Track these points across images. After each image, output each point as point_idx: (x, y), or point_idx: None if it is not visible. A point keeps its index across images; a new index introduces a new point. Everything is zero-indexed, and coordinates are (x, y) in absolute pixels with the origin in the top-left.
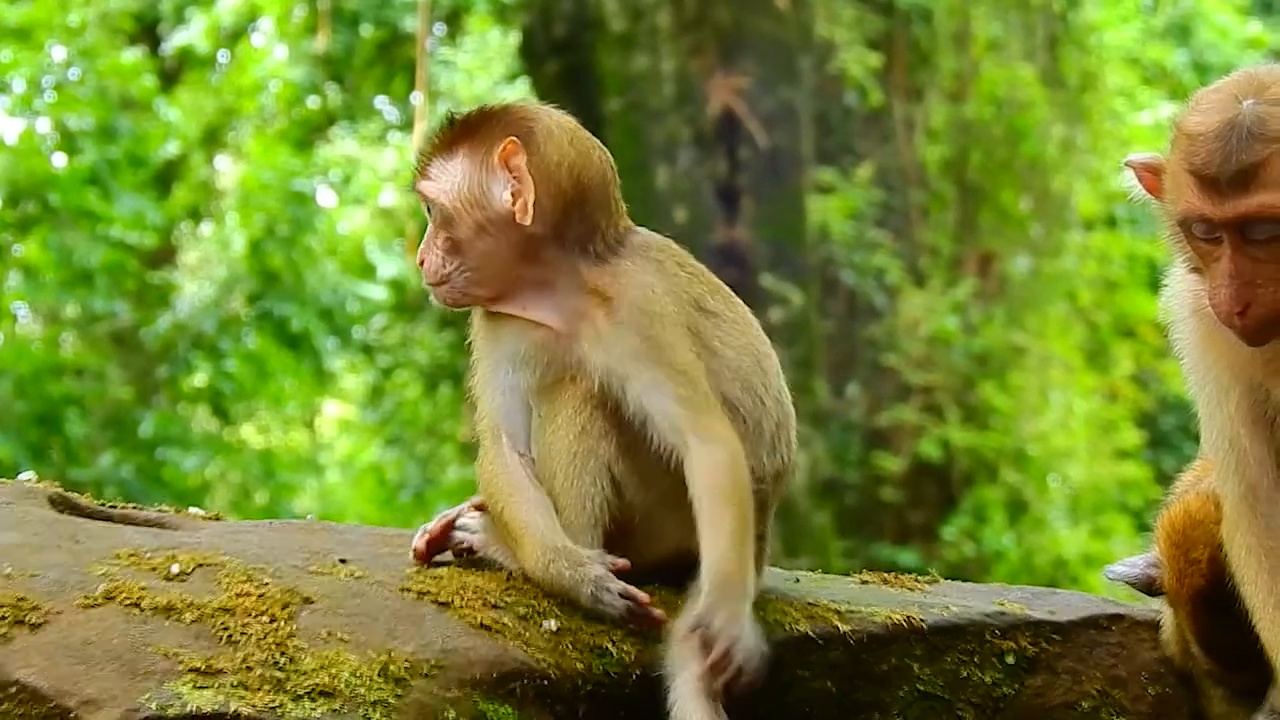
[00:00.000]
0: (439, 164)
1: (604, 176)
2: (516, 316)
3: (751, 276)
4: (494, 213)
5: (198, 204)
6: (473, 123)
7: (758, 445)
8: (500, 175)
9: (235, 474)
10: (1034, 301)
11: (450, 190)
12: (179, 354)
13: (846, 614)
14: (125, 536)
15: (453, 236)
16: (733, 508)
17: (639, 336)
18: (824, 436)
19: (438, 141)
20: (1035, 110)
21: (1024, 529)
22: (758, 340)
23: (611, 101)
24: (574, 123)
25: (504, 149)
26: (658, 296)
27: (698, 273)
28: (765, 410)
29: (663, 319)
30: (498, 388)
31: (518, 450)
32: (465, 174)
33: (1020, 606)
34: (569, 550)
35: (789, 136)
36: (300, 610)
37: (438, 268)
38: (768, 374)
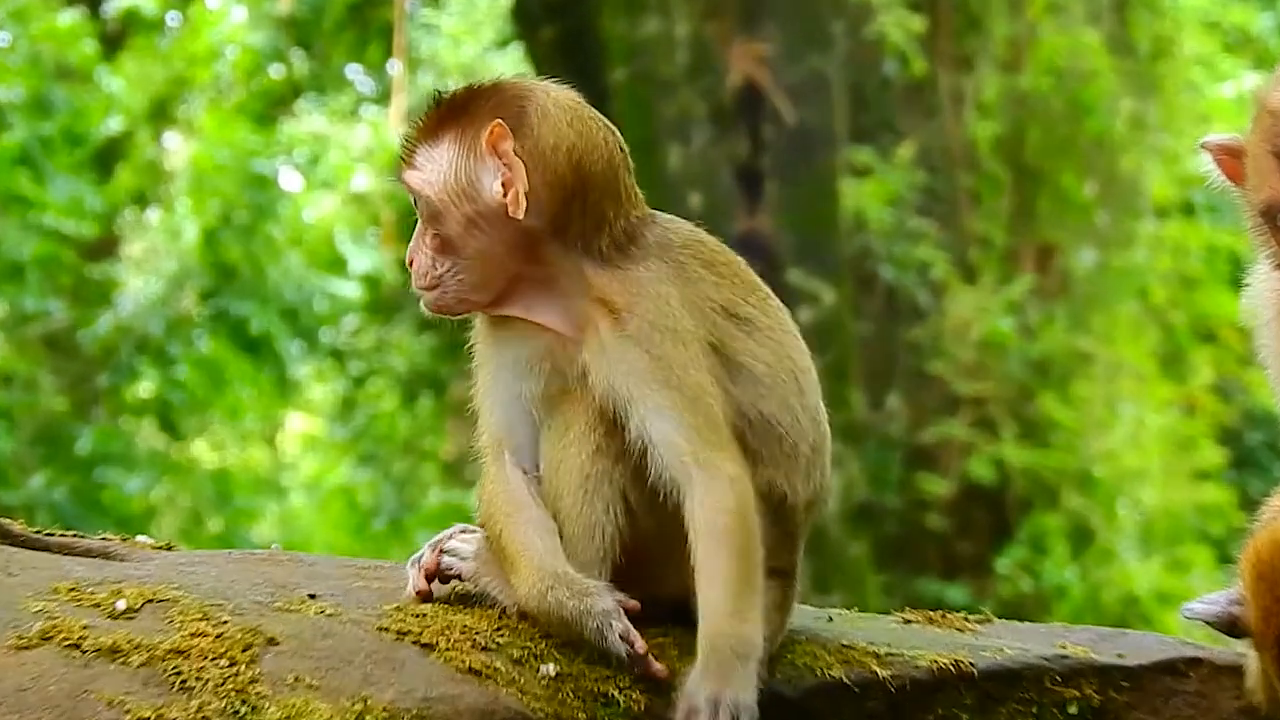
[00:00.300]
0: (425, 151)
1: (611, 161)
2: (520, 319)
3: (776, 272)
4: (484, 205)
5: (144, 188)
6: (459, 102)
7: (792, 470)
8: (490, 163)
9: (185, 497)
10: (1100, 300)
11: (436, 181)
12: (121, 360)
13: (886, 658)
14: (64, 568)
15: (442, 233)
16: (733, 556)
17: (647, 354)
18: (859, 455)
19: (422, 125)
20: (1101, 81)
21: (1089, 561)
22: (796, 351)
23: (616, 71)
24: (576, 99)
25: (491, 132)
26: (673, 309)
27: (730, 271)
28: (802, 431)
29: (676, 335)
30: (500, 398)
31: (521, 467)
32: (452, 162)
33: (1085, 649)
34: (571, 578)
35: (819, 111)
36: (263, 652)
37: (427, 269)
38: (805, 391)
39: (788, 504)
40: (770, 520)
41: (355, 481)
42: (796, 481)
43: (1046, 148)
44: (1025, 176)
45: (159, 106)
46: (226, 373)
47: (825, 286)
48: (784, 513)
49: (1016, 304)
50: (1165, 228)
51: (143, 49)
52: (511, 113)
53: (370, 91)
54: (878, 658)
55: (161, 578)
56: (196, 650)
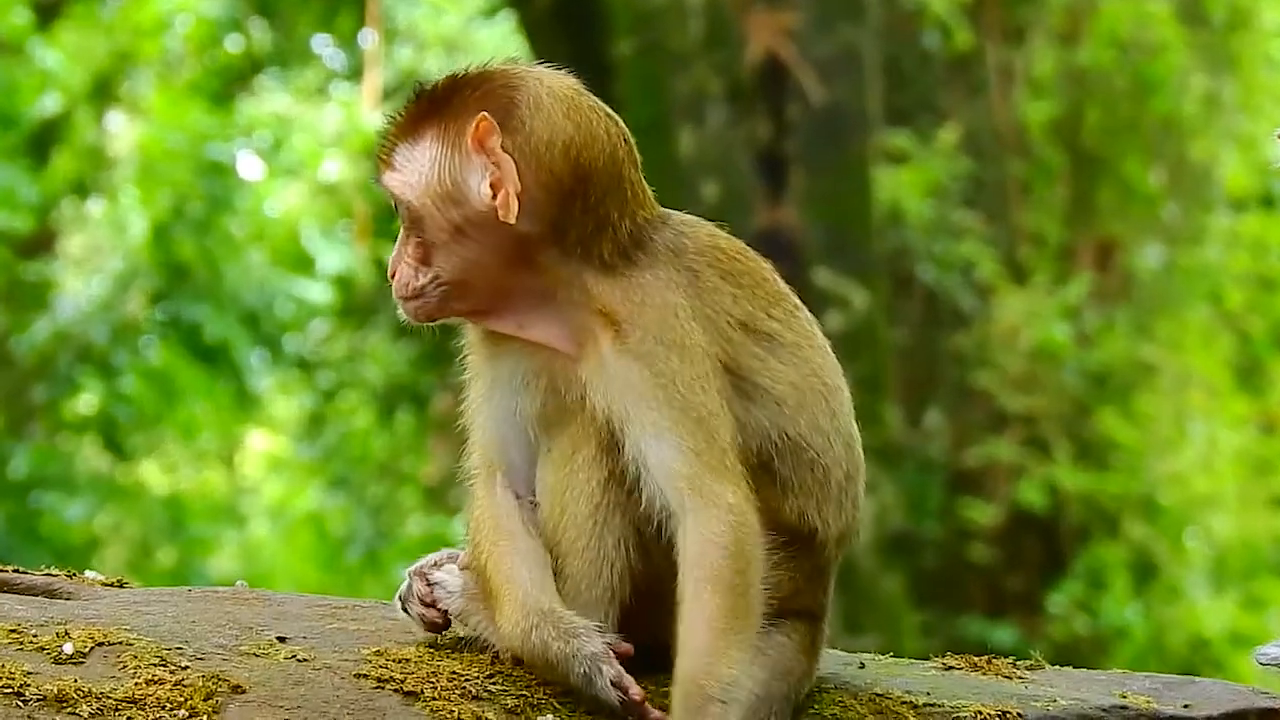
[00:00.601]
0: (404, 150)
1: (614, 156)
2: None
3: (802, 272)
4: (471, 210)
5: (84, 176)
6: (441, 95)
7: (824, 500)
8: (476, 162)
9: (133, 525)
10: (1168, 304)
11: (417, 184)
12: (60, 370)
13: (924, 708)
14: (4, 608)
15: (425, 241)
16: (722, 592)
17: (649, 370)
18: (895, 478)
19: (401, 121)
20: (1169, 55)
21: (1153, 599)
22: (826, 370)
23: (622, 44)
24: (574, 86)
25: (476, 127)
26: (681, 322)
27: (752, 281)
28: (835, 456)
29: (684, 350)
30: (492, 415)
31: (514, 491)
32: (434, 162)
33: (1147, 699)
34: (559, 616)
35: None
36: (228, 702)
37: (409, 280)
38: (836, 413)
39: (819, 538)
40: (801, 556)
41: (325, 508)
42: (829, 513)
43: (1107, 131)
44: (1083, 164)
45: (101, 84)
46: (179, 385)
47: (857, 288)
48: (814, 548)
49: (1073, 308)
50: (1241, 222)
51: (82, 19)
52: (499, 105)
53: (341, 67)
54: (915, 708)
55: (113, 618)
56: (153, 699)
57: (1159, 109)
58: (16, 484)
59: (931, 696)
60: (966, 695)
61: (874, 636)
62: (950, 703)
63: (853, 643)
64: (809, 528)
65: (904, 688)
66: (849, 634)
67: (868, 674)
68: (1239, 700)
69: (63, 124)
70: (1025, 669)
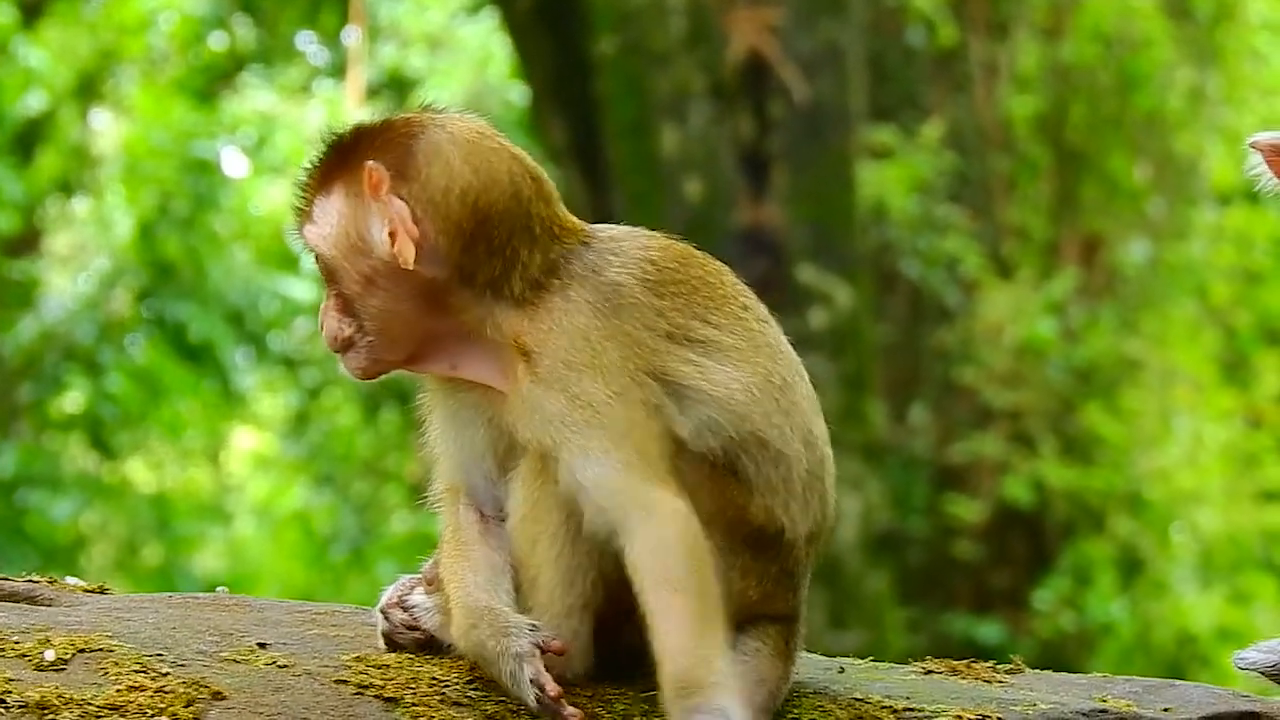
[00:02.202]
0: (319, 202)
1: (517, 196)
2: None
3: (785, 269)
4: (377, 259)
5: (69, 174)
6: (347, 144)
7: (790, 497)
8: (376, 211)
9: (119, 524)
10: (1153, 299)
11: (329, 235)
12: (46, 370)
13: (904, 713)
14: None
15: (342, 292)
16: (685, 595)
17: (563, 395)
18: (880, 475)
19: (314, 172)
20: (1154, 50)
21: (1140, 594)
22: (777, 364)
23: (604, 41)
24: (477, 130)
25: (369, 177)
26: (591, 344)
27: (687, 289)
28: (795, 451)
29: (595, 370)
30: (450, 447)
31: (477, 509)
32: (341, 213)
33: (1128, 703)
34: (495, 614)
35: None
36: (209, 708)
37: (335, 332)
38: (790, 411)
39: (786, 537)
40: (769, 558)
41: (310, 505)
42: (795, 510)
43: (1092, 126)
44: (1068, 159)
45: (85, 82)
46: (164, 384)
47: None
48: (782, 548)
49: (1058, 304)
50: (1227, 216)
51: (66, 17)
52: (396, 154)
53: (324, 64)
54: (894, 713)
55: (94, 624)
56: (134, 706)
57: (1144, 104)
58: (3, 483)
59: (911, 701)
60: (946, 700)
61: (859, 633)
62: (930, 707)
63: (836, 639)
64: (776, 526)
65: (883, 692)
66: (834, 629)
67: (847, 679)
68: (1219, 704)
69: (47, 122)
70: (1005, 673)
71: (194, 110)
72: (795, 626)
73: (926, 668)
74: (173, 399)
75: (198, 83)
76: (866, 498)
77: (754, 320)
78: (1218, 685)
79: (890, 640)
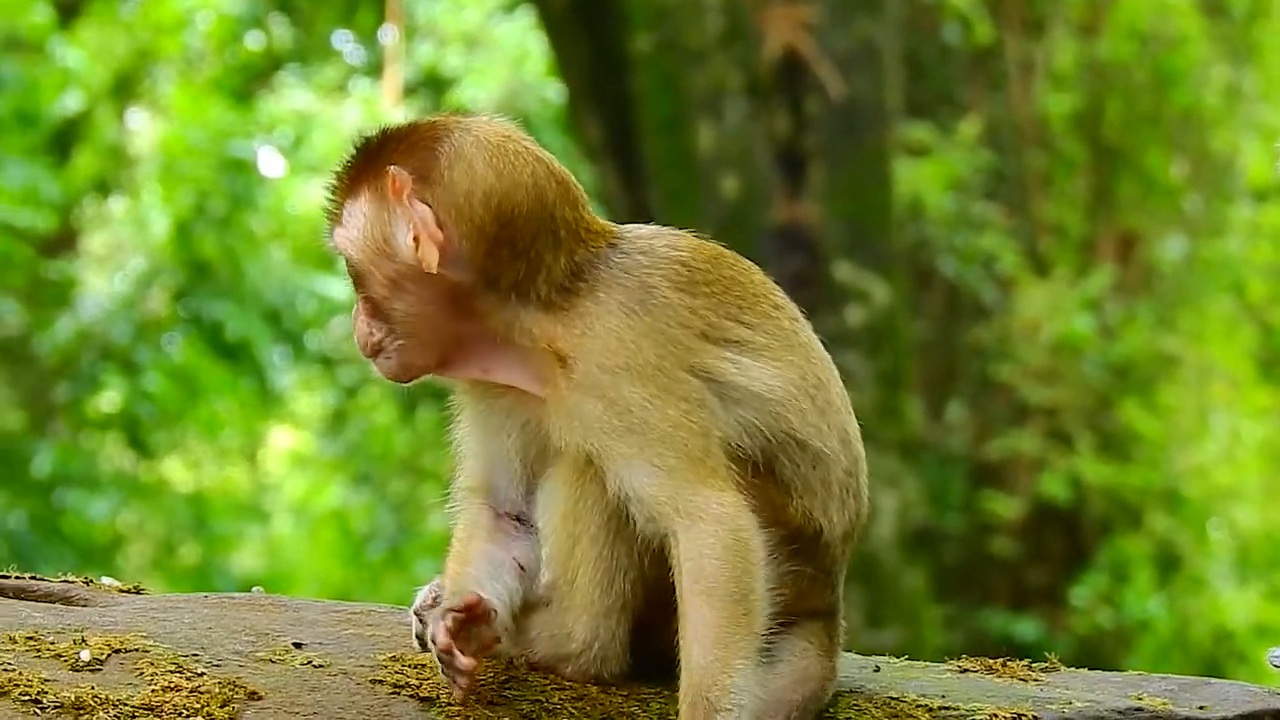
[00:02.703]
0: (347, 206)
1: (541, 199)
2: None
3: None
4: (402, 263)
5: (106, 174)
6: (374, 148)
7: (828, 498)
8: (401, 215)
9: (156, 523)
10: (1190, 296)
11: (356, 239)
12: (83, 369)
13: (940, 711)
14: (21, 615)
15: (370, 296)
16: (721, 602)
17: (602, 402)
18: (917, 473)
19: (343, 176)
20: (1190, 47)
21: (1177, 591)
22: (810, 363)
23: (640, 39)
24: (503, 133)
25: (392, 182)
26: (625, 345)
27: (720, 289)
28: (833, 451)
29: (633, 372)
30: (478, 447)
31: (496, 509)
32: (367, 217)
33: (1163, 701)
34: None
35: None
36: (244, 709)
37: (365, 336)
38: (825, 409)
39: (824, 538)
40: (806, 557)
41: (348, 504)
42: (832, 510)
43: (1128, 123)
44: (1104, 156)
45: (122, 82)
46: (201, 383)
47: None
48: (820, 548)
49: (1094, 300)
50: (1263, 213)
51: (103, 17)
52: (420, 158)
53: (361, 63)
54: (930, 711)
55: (129, 625)
56: (169, 706)
57: (1180, 101)
58: (40, 483)
59: (946, 699)
60: (981, 698)
61: (895, 631)
62: (965, 705)
63: (873, 637)
64: (814, 527)
65: (919, 691)
66: (871, 628)
67: (882, 677)
68: (1255, 702)
69: (84, 122)
70: (1040, 671)
71: (231, 109)
72: (836, 621)
73: (962, 666)
74: (210, 398)
75: (234, 82)
76: (903, 495)
77: (786, 319)
78: (1254, 683)
79: (927, 637)
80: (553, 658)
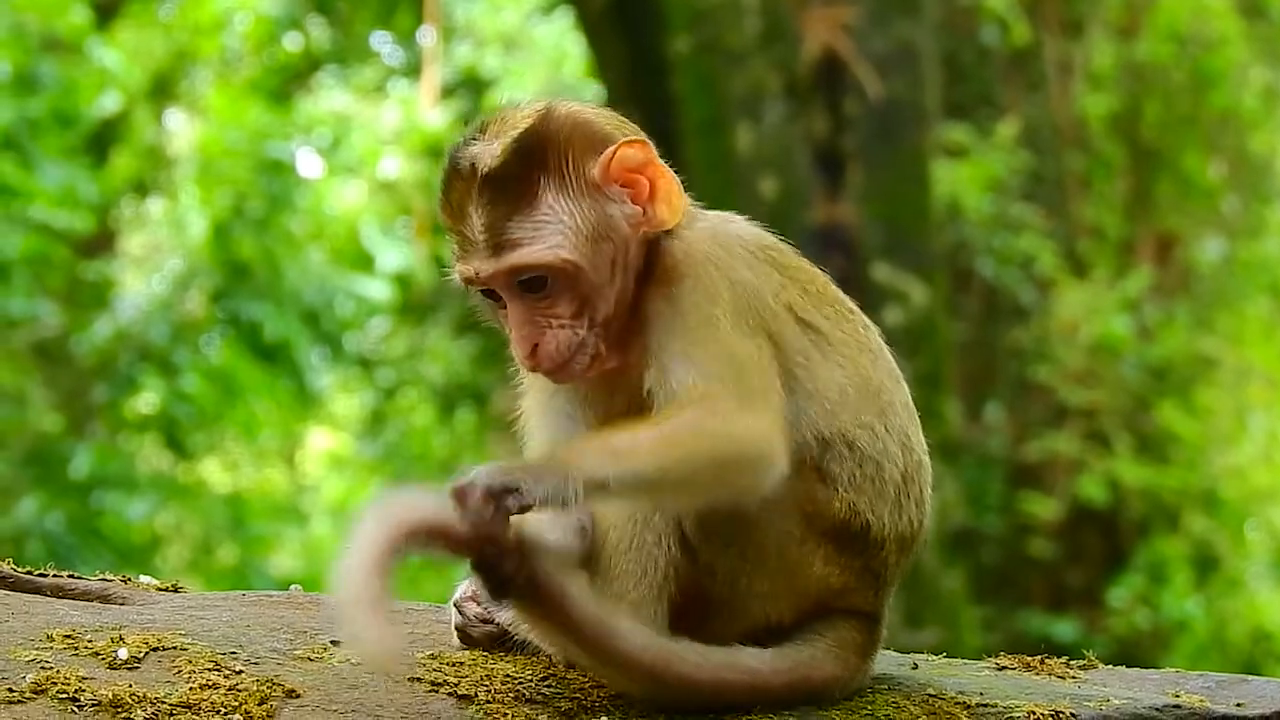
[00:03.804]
0: (518, 223)
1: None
2: None
3: (860, 267)
4: (620, 239)
5: (144, 175)
6: (531, 150)
7: (878, 498)
8: (612, 190)
9: (194, 524)
10: (1228, 297)
11: (563, 242)
12: (120, 370)
13: (977, 708)
14: (59, 613)
15: (580, 293)
16: (671, 439)
17: (683, 306)
18: (955, 474)
19: (492, 196)
20: (1228, 49)
21: (1214, 592)
22: (877, 370)
23: (678, 41)
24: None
25: (620, 155)
26: (722, 289)
27: (804, 276)
28: (887, 455)
29: (723, 308)
30: (547, 423)
31: None
32: (572, 211)
33: (1200, 699)
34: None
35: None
36: (282, 706)
37: (570, 341)
38: (886, 412)
39: (872, 534)
40: (851, 552)
41: None
42: (883, 510)
43: (1166, 124)
44: (1142, 157)
45: (160, 83)
46: (239, 384)
47: (916, 283)
48: (868, 545)
49: (1132, 302)
50: None
51: (141, 18)
52: (591, 135)
53: (399, 64)
54: (968, 709)
55: (167, 623)
56: (207, 704)
57: (1218, 102)
58: (78, 484)
59: (985, 697)
60: (1019, 696)
61: (934, 631)
62: (1004, 703)
63: (912, 636)
64: (860, 522)
65: (957, 688)
66: (910, 628)
67: (921, 675)
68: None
69: (122, 123)
70: (1079, 669)
71: (269, 111)
72: (877, 626)
73: (1000, 664)
74: (248, 399)
75: (272, 83)
76: (942, 495)
77: (859, 324)
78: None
79: (965, 638)
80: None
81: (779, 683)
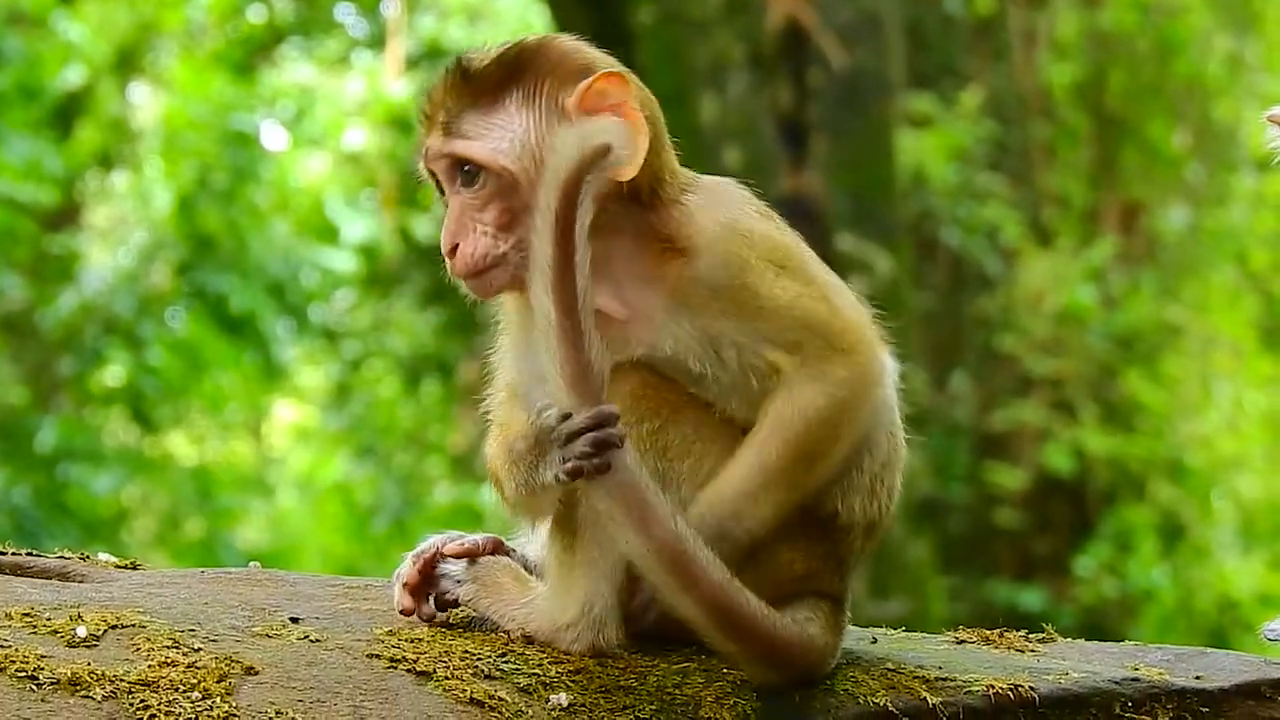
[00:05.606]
0: (475, 118)
1: (656, 111)
2: None
3: (825, 237)
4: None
5: (108, 148)
6: (514, 61)
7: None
8: (580, 120)
9: (161, 497)
10: (1193, 266)
11: (508, 149)
12: (86, 343)
13: (937, 683)
14: (17, 591)
15: (511, 206)
16: (788, 450)
17: (730, 287)
18: (922, 444)
19: (464, 90)
20: (1192, 17)
21: (1181, 561)
22: None
23: (642, 11)
24: None
25: (597, 87)
26: (747, 236)
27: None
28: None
29: (748, 266)
30: (521, 362)
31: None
32: (527, 125)
33: (1160, 671)
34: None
35: (872, 54)
36: (241, 683)
37: (488, 250)
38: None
39: (840, 522)
40: (815, 537)
41: (352, 478)
42: (854, 499)
43: (1131, 93)
44: (1107, 126)
45: (124, 56)
46: (205, 356)
47: (881, 253)
48: (834, 532)
49: (1098, 271)
50: (1266, 182)
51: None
52: (578, 65)
53: (363, 36)
54: (927, 683)
55: (126, 600)
56: (166, 681)
57: (1182, 70)
58: (44, 457)
59: (944, 670)
60: (979, 669)
61: (901, 602)
62: (963, 676)
63: (878, 607)
64: (828, 510)
65: (916, 662)
66: (874, 598)
67: (880, 649)
68: (1250, 672)
69: (86, 96)
70: (1038, 642)
71: (233, 83)
72: (842, 609)
73: (959, 637)
74: (213, 372)
75: (236, 56)
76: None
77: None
78: (1251, 653)
79: (932, 609)
80: (550, 629)
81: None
